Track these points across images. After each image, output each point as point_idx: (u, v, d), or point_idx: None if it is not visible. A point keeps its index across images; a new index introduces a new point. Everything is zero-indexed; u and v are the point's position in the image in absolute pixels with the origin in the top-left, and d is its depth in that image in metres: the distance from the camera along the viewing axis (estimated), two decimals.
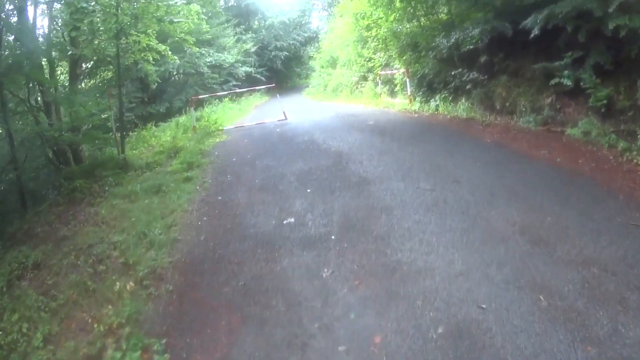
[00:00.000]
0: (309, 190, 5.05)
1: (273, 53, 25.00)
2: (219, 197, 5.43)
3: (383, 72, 12.43)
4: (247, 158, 7.20)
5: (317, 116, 11.13)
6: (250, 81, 24.31)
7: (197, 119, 12.14)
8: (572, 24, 5.24)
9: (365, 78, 15.08)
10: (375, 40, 13.01)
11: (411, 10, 10.33)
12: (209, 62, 17.43)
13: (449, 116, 8.27)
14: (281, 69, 26.04)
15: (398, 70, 11.34)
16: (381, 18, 11.83)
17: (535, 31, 5.71)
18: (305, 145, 7.37)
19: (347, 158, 6.16)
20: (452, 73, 8.64)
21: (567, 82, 5.52)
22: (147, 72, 12.10)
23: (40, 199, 7.50)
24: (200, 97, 10.92)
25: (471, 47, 7.88)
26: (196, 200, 5.44)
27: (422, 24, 10.51)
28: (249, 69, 22.53)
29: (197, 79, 18.05)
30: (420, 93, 10.00)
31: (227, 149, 8.37)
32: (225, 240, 4.13)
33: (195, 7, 10.66)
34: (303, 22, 28.04)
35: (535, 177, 4.48)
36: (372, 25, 12.74)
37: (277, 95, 14.51)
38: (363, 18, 13.34)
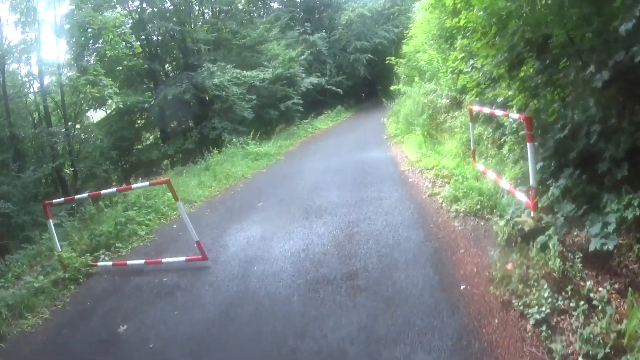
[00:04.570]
0: None
1: (352, 56, 18.98)
2: None
3: (477, 108, 5.52)
4: None
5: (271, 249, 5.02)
6: (329, 95, 18.73)
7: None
8: None
9: (459, 103, 8.14)
10: (464, 33, 6.09)
11: None
12: (216, 83, 12.57)
13: None
14: (366, 76, 19.84)
15: (507, 110, 4.46)
16: None
17: None
18: None
19: None
20: None
21: None
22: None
23: None
24: (55, 201, 5.40)
25: None
26: None
27: None
28: (316, 81, 17.04)
29: (224, 104, 13.43)
30: (560, 183, 3.15)
31: None
32: None
33: None
34: (395, 13, 20.57)
35: None
36: (460, 5, 5.76)
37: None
38: None
